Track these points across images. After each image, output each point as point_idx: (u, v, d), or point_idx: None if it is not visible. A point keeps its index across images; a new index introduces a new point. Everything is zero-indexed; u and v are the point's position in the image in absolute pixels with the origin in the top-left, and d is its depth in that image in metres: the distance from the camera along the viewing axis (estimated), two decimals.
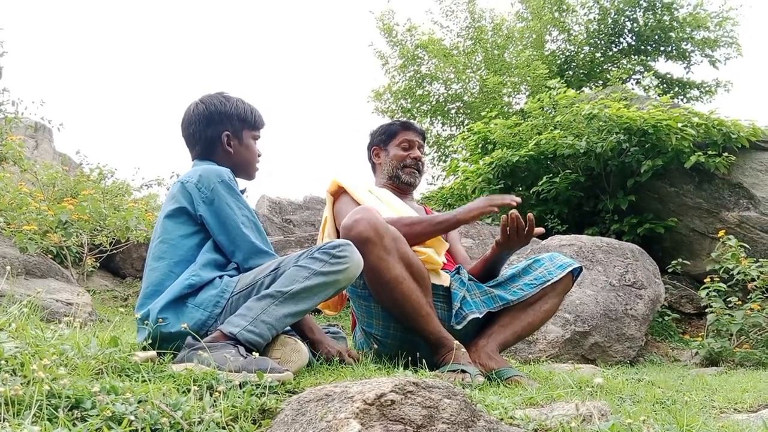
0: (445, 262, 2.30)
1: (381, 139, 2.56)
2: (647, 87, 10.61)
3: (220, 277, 1.85)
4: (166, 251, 1.89)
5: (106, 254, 5.73)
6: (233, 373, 1.45)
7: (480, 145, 7.50)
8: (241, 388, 1.37)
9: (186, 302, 1.79)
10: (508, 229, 2.14)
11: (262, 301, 1.68)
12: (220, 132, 2.05)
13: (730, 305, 4.51)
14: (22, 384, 1.15)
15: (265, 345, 1.69)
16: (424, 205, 2.81)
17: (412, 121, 2.63)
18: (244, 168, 2.11)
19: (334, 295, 1.82)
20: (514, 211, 2.14)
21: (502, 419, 1.34)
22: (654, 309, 4.64)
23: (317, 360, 1.85)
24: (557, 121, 6.64)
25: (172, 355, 1.69)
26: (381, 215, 1.98)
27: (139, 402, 1.19)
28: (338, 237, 2.19)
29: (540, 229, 2.21)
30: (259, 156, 2.16)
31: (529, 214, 2.17)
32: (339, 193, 2.36)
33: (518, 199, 2.11)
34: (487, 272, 2.33)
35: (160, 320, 1.75)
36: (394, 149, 2.51)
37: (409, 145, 2.51)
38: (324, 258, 1.72)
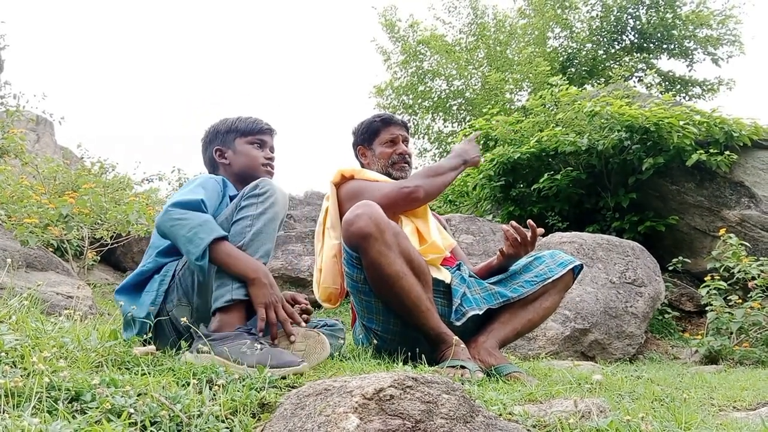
0: (449, 256, 2.31)
1: (364, 138, 2.52)
2: (649, 85, 10.57)
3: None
4: (149, 247, 2.00)
5: (106, 248, 5.74)
6: (244, 367, 1.48)
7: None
8: (240, 382, 1.37)
9: (141, 291, 1.87)
10: (512, 239, 2.18)
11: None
12: (212, 150, 2.17)
13: (730, 303, 4.51)
14: (21, 376, 1.16)
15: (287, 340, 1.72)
16: None
17: (391, 114, 2.58)
18: (249, 172, 2.13)
19: (280, 227, 1.86)
20: (513, 222, 2.21)
21: (500, 415, 1.34)
22: (654, 307, 4.64)
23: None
24: (559, 119, 6.63)
25: (176, 347, 1.69)
26: (382, 210, 1.98)
27: (139, 395, 1.20)
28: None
29: (540, 230, 2.23)
30: (267, 158, 2.18)
31: (529, 221, 2.21)
32: (345, 180, 2.34)
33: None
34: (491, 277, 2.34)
35: (120, 303, 1.83)
36: (380, 147, 2.48)
37: (394, 140, 2.48)
38: (253, 201, 1.78)
